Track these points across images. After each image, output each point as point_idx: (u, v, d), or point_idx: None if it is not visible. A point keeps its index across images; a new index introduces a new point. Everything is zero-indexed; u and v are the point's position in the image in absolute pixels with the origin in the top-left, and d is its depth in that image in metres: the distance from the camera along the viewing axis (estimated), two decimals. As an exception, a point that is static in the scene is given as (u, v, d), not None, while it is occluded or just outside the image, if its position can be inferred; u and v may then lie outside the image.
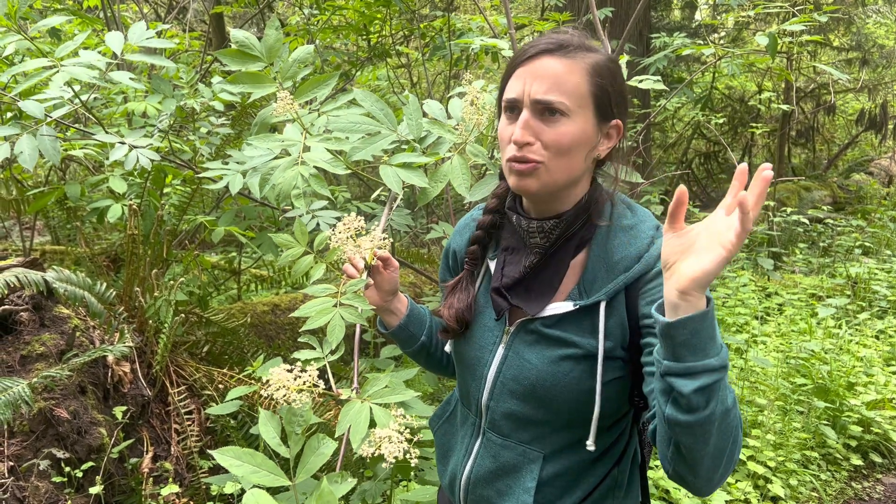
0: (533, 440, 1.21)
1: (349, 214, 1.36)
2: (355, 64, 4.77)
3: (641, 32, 7.54)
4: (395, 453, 1.15)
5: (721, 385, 0.92)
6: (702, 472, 0.98)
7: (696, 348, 0.91)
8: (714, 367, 0.90)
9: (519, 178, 1.13)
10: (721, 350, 0.92)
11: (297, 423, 1.26)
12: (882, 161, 12.32)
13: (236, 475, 1.20)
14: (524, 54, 1.13)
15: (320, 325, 1.27)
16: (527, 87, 1.10)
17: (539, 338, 1.18)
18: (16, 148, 2.06)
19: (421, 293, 4.48)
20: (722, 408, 0.92)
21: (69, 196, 2.85)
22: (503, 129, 1.15)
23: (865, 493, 3.45)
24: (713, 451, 0.95)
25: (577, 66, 1.10)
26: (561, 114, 1.09)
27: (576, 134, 1.11)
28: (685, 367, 0.91)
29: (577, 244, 1.19)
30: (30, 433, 2.10)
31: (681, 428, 0.94)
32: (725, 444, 0.95)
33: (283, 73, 1.57)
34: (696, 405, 0.91)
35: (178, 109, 2.72)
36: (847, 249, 7.19)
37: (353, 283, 1.31)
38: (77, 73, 2.04)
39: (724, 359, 0.91)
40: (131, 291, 2.69)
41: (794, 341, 4.61)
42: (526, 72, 1.11)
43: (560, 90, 1.09)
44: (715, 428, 0.93)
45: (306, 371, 1.21)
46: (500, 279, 1.23)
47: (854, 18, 9.73)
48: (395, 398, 1.29)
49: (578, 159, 1.14)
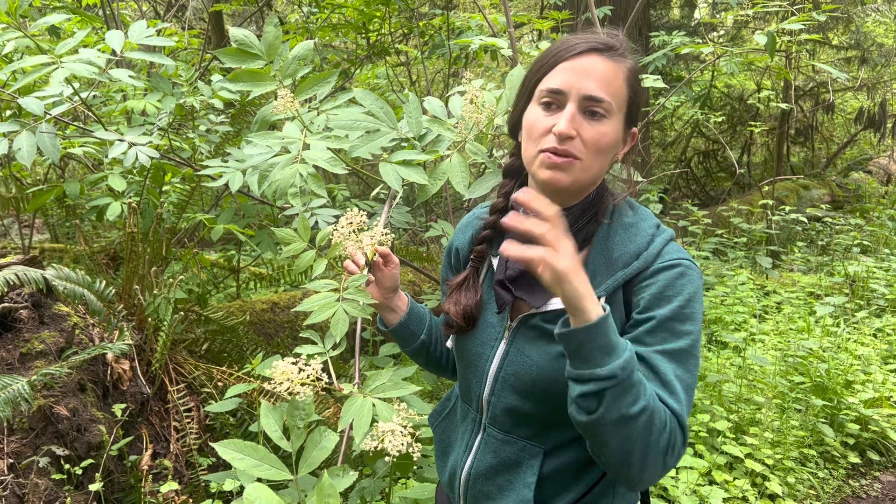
0: (534, 436, 1.22)
1: (350, 210, 1.36)
2: (354, 62, 4.77)
3: (640, 31, 7.54)
4: (398, 447, 1.16)
5: (610, 393, 0.97)
6: (613, 467, 1.05)
7: (585, 357, 0.98)
8: (600, 377, 0.97)
9: (553, 171, 1.13)
10: (613, 362, 0.97)
11: (299, 417, 1.27)
12: (881, 160, 12.33)
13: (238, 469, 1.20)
14: (572, 49, 1.13)
15: (324, 320, 1.28)
16: (576, 81, 1.11)
17: (540, 333, 1.19)
18: (14, 145, 2.06)
19: (420, 291, 4.49)
20: (615, 414, 0.98)
21: (68, 194, 2.85)
22: (538, 120, 1.14)
23: (863, 490, 3.46)
24: (616, 451, 1.02)
25: (621, 70, 1.13)
26: (604, 114, 1.11)
27: (612, 136, 1.13)
28: (576, 373, 1.00)
29: (581, 240, 1.19)
30: (29, 430, 2.11)
31: (579, 427, 1.04)
32: (630, 447, 1.01)
33: (283, 70, 1.57)
34: (585, 408, 1.00)
35: (178, 107, 2.73)
36: (845, 248, 7.20)
37: (354, 278, 1.31)
38: (77, 70, 2.04)
39: (613, 370, 0.97)
40: (130, 289, 2.69)
41: (793, 339, 4.62)
42: (574, 66, 1.12)
43: (607, 91, 1.11)
44: (608, 431, 1.00)
45: (310, 364, 1.21)
46: (503, 272, 1.24)
47: (853, 17, 9.74)
48: (398, 393, 1.29)
49: (608, 160, 1.16)
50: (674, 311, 1.10)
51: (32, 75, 2.05)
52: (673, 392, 1.06)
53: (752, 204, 8.11)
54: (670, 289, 1.11)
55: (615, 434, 1.00)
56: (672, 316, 1.10)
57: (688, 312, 1.11)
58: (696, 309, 1.12)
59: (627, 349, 1.00)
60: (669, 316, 1.10)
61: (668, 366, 1.08)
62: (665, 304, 1.10)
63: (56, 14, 2.44)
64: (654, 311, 1.11)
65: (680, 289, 1.11)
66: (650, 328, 1.10)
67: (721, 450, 3.37)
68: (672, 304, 1.10)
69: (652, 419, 1.01)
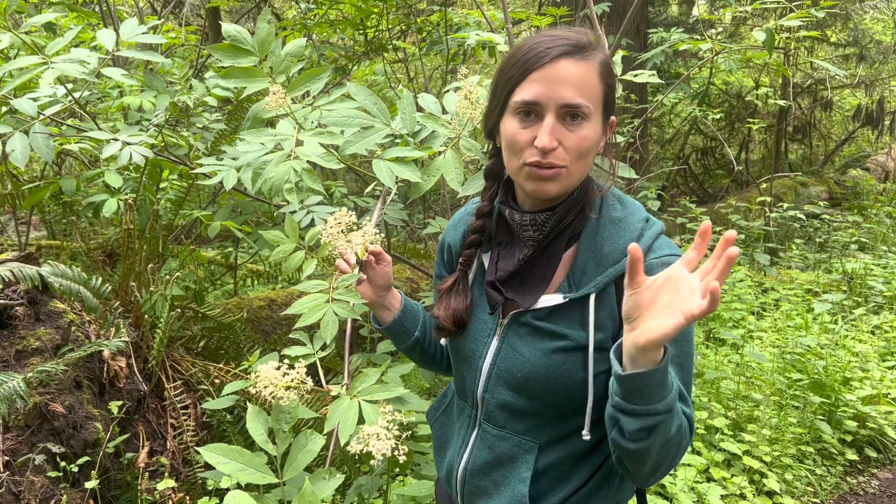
0: (528, 431, 1.22)
1: (340, 209, 1.36)
2: (352, 58, 4.76)
3: (639, 27, 7.53)
4: (382, 450, 1.15)
5: (663, 424, 1.00)
6: (640, 477, 1.10)
7: (645, 395, 0.98)
8: (658, 412, 0.98)
9: (540, 184, 1.12)
10: (669, 393, 0.98)
11: (284, 421, 1.26)
12: (878, 157, 12.34)
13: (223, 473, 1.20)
14: (542, 56, 1.09)
15: (313, 322, 1.27)
16: (551, 91, 1.08)
17: (531, 330, 1.19)
18: (7, 146, 2.05)
19: (417, 288, 4.48)
20: (662, 440, 1.01)
21: (65, 191, 2.84)
22: (517, 133, 1.12)
23: (860, 487, 3.46)
24: (651, 467, 1.06)
25: (593, 68, 1.10)
26: (583, 117, 1.10)
27: (593, 136, 1.12)
28: (632, 408, 0.99)
29: (570, 236, 1.19)
30: (25, 428, 2.10)
31: (622, 450, 1.05)
32: (664, 460, 1.06)
33: (276, 67, 1.57)
34: (638, 438, 1.01)
35: (172, 105, 2.72)
36: (843, 245, 7.21)
37: (344, 278, 1.31)
38: (67, 70, 2.02)
39: (669, 403, 0.98)
40: (127, 286, 2.68)
41: (790, 336, 4.62)
42: (547, 75, 1.09)
43: (583, 94, 1.09)
44: (653, 454, 1.03)
45: (294, 368, 1.21)
46: (494, 273, 1.24)
47: (851, 14, 9.73)
48: (385, 395, 1.29)
49: (591, 160, 1.15)
50: None
51: (24, 76, 2.04)
52: (683, 398, 1.10)
53: (750, 201, 8.11)
54: None
55: (657, 454, 1.03)
56: None
57: None
58: None
59: (673, 376, 1.01)
60: None
61: (675, 373, 1.10)
62: None
63: (51, 11, 2.44)
64: None
65: None
66: None
67: (719, 447, 3.37)
68: None
69: (683, 433, 1.05)
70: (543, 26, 4.00)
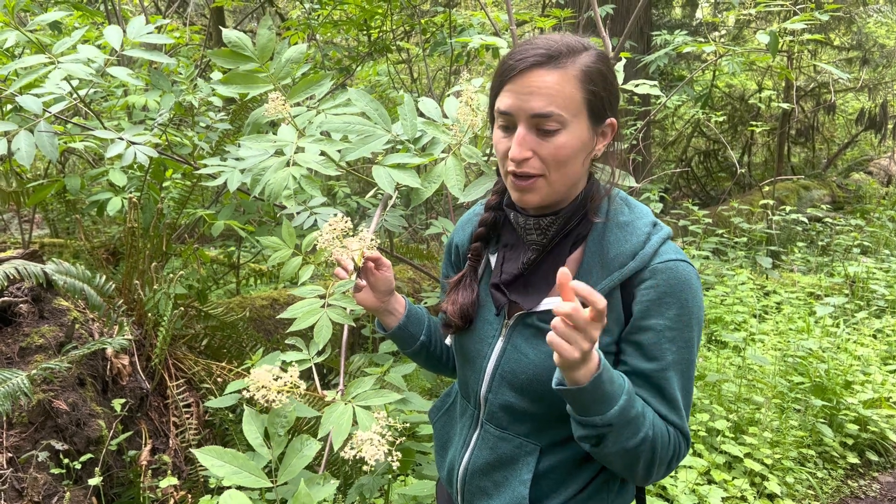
0: (530, 433, 1.22)
1: (335, 215, 1.35)
2: (356, 59, 4.77)
3: (642, 30, 7.53)
4: (375, 456, 1.15)
5: (610, 435, 1.04)
6: (619, 474, 1.17)
7: (583, 409, 1.04)
8: (596, 424, 1.04)
9: (521, 194, 1.15)
10: (609, 410, 1.02)
11: (279, 425, 1.26)
12: (881, 160, 12.31)
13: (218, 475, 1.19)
14: (513, 68, 1.10)
15: (307, 327, 1.27)
16: (522, 101, 1.09)
17: (536, 332, 1.19)
18: (13, 144, 2.05)
19: (419, 289, 4.49)
20: (617, 448, 1.06)
21: (69, 189, 2.84)
22: (499, 141, 1.15)
23: (861, 491, 3.46)
24: (621, 468, 1.12)
25: (569, 75, 1.09)
26: (557, 127, 1.09)
27: (573, 144, 1.11)
28: (576, 417, 1.07)
29: (575, 240, 1.19)
30: (29, 425, 2.11)
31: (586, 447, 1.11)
32: (633, 464, 1.09)
33: (276, 73, 1.56)
34: (588, 443, 1.08)
35: (177, 105, 2.72)
36: (845, 248, 7.20)
37: (340, 284, 1.30)
38: (74, 70, 2.02)
39: (609, 419, 1.02)
40: (130, 284, 2.69)
41: (792, 340, 4.62)
42: (518, 86, 1.09)
43: (555, 103, 1.08)
44: (612, 458, 1.09)
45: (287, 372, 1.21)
46: (499, 275, 1.24)
47: (855, 18, 9.72)
48: (379, 400, 1.29)
49: (577, 166, 1.14)
50: (673, 320, 1.11)
51: (31, 75, 2.05)
52: (675, 408, 1.12)
53: (752, 204, 8.10)
54: (669, 295, 1.11)
55: (619, 459, 1.09)
56: (672, 325, 1.11)
57: (686, 318, 1.12)
58: (695, 313, 1.13)
59: (624, 393, 1.04)
60: (669, 325, 1.11)
61: (672, 381, 1.11)
62: (665, 310, 1.11)
63: (57, 10, 2.44)
64: (652, 319, 1.11)
65: (678, 294, 1.11)
66: (651, 340, 1.11)
67: (720, 449, 3.37)
68: (671, 312, 1.11)
69: (654, 444, 1.08)
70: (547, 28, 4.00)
